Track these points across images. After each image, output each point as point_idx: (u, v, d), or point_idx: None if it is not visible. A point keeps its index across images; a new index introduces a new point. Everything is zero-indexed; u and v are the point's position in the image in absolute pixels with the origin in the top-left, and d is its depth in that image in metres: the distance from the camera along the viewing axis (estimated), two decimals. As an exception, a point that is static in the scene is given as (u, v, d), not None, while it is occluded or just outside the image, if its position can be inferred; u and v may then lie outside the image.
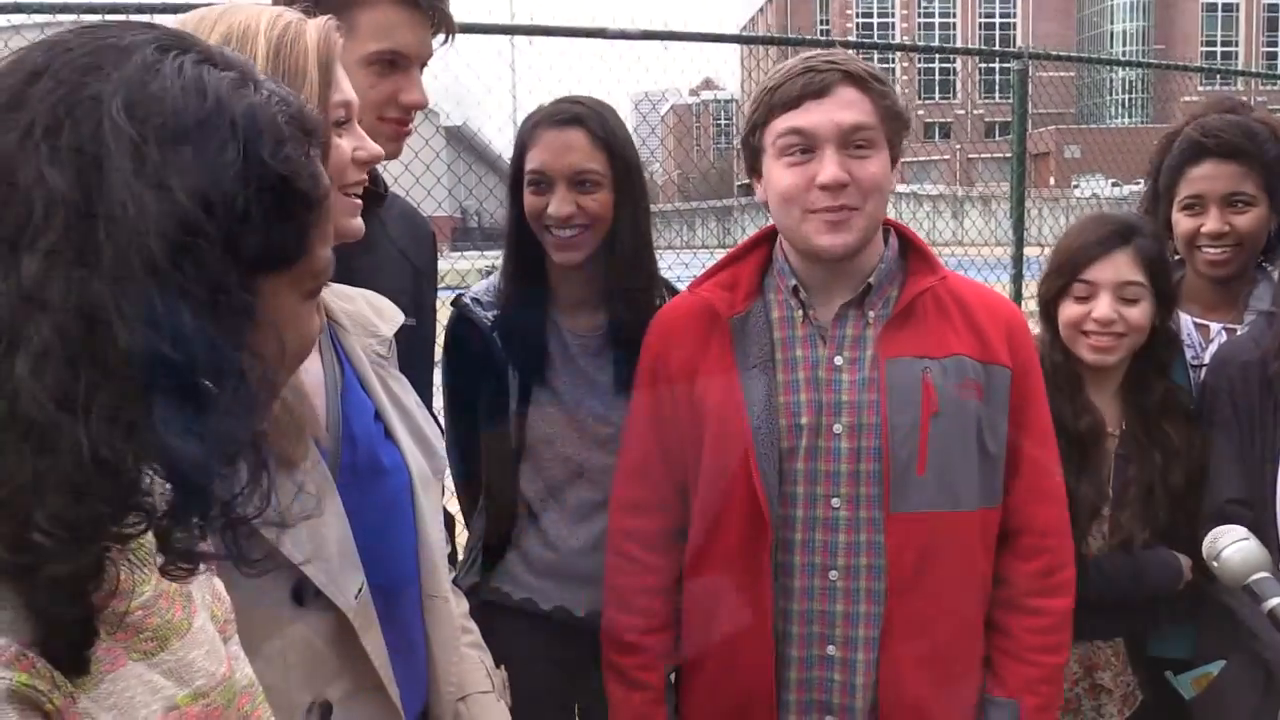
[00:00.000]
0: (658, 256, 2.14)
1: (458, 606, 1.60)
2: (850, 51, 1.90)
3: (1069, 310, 2.13)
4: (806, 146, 1.68)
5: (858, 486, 1.72)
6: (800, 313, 1.79)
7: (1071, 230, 2.20)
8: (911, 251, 1.83)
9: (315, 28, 1.29)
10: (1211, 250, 2.26)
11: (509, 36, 5.20)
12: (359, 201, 1.37)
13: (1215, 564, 1.59)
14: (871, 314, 1.76)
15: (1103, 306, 2.08)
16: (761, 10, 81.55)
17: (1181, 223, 2.29)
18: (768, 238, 1.87)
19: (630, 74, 5.42)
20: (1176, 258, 2.38)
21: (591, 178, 1.98)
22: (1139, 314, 2.11)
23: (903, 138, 1.76)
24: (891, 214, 1.85)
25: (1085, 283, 2.11)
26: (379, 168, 1.83)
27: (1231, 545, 1.56)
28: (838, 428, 1.73)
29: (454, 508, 2.18)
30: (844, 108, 1.67)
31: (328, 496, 1.29)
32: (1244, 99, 2.47)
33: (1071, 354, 2.16)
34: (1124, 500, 2.13)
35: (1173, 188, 2.31)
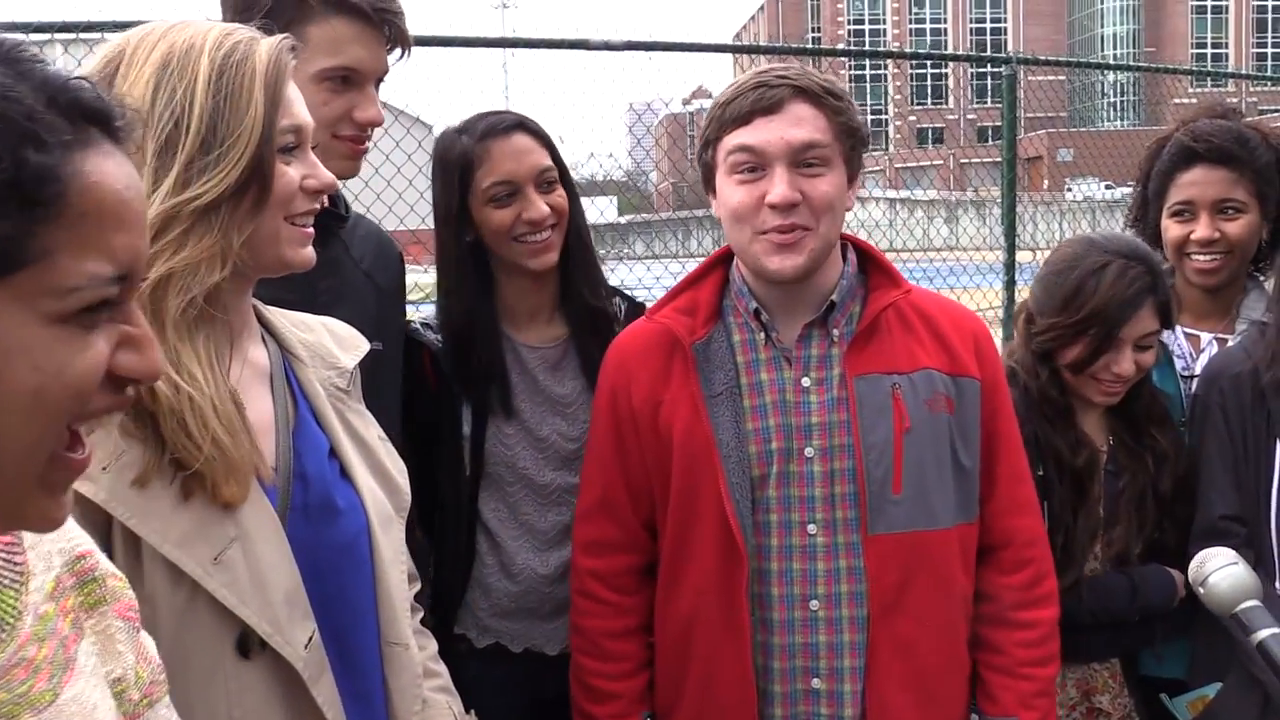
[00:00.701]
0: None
1: (425, 649, 1.54)
2: (810, 64, 1.85)
3: (1085, 360, 2.02)
4: (756, 164, 1.64)
5: (833, 510, 1.68)
6: (762, 335, 1.74)
7: (1088, 268, 2.01)
8: (871, 266, 1.78)
9: (267, 48, 1.24)
10: (1201, 258, 2.21)
11: (503, 50, 5.16)
12: (309, 231, 1.31)
13: (1201, 590, 1.53)
14: (836, 332, 1.72)
15: (1125, 363, 2.01)
16: (754, 18, 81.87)
17: (1171, 229, 2.24)
18: (724, 259, 1.82)
19: (626, 84, 5.40)
20: (1166, 266, 2.32)
21: (550, 175, 1.96)
22: (1149, 358, 2.06)
23: (860, 154, 1.71)
24: (884, 220, 1.79)
25: (1115, 339, 2.01)
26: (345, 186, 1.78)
27: (1218, 571, 1.49)
28: (809, 451, 1.69)
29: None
30: (795, 124, 1.62)
31: (274, 540, 1.22)
32: (1235, 104, 2.42)
33: (1066, 387, 2.08)
34: (1116, 515, 2.08)
35: (1162, 194, 2.26)
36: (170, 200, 1.15)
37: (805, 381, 1.71)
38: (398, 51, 1.77)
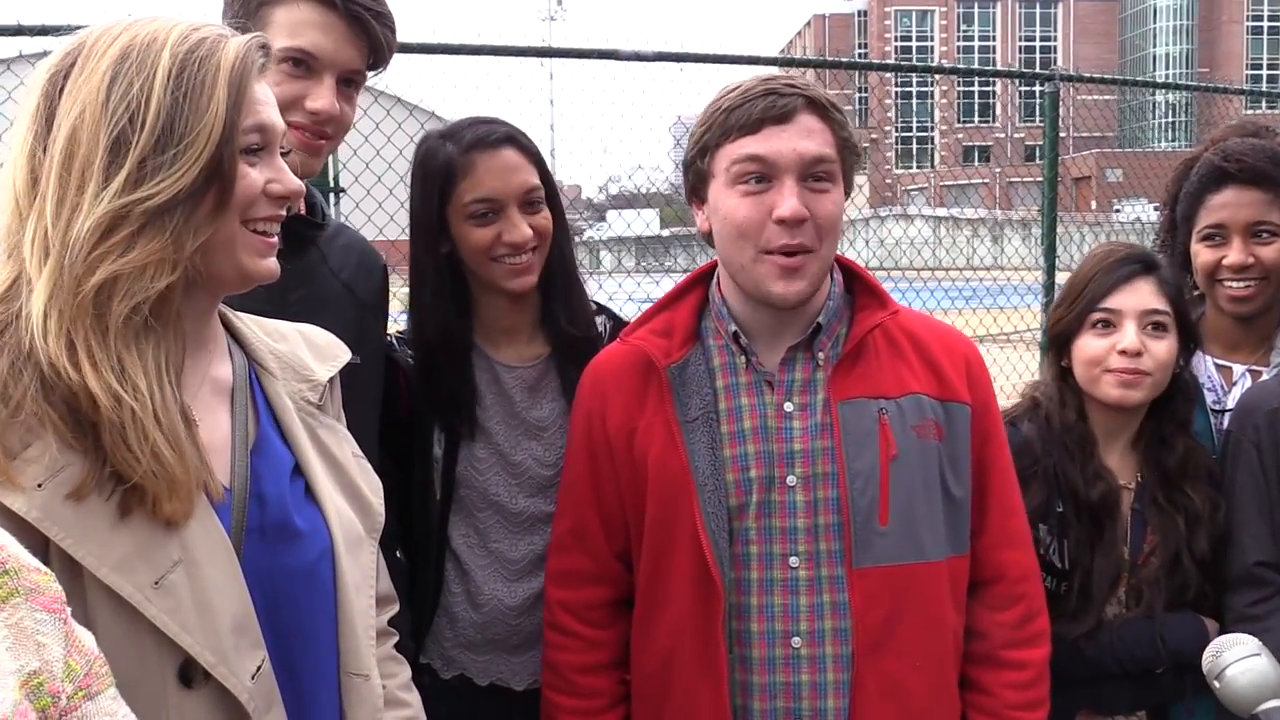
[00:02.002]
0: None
1: (396, 676, 1.47)
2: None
3: (1088, 346, 1.95)
4: (763, 175, 1.56)
5: (816, 542, 1.59)
6: (742, 359, 1.66)
7: (1085, 261, 2.04)
8: (858, 286, 1.71)
9: (235, 45, 1.19)
10: (1234, 284, 2.09)
11: (548, 60, 5.13)
12: (273, 240, 1.25)
13: (1217, 684, 1.38)
14: (821, 355, 1.65)
15: (1129, 336, 1.91)
16: (800, 33, 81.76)
17: (1201, 254, 2.12)
18: (702, 279, 1.75)
19: (674, 96, 5.33)
20: (1196, 293, 2.21)
21: (536, 195, 1.88)
22: (1165, 349, 1.93)
23: (855, 171, 1.65)
24: (931, 237, 1.72)
25: (1107, 310, 1.94)
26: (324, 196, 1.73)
27: (1238, 663, 1.35)
28: (791, 479, 1.61)
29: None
30: (807, 136, 1.55)
31: (222, 563, 1.16)
32: (1269, 124, 2.30)
33: (1086, 414, 1.98)
34: (1145, 567, 1.96)
35: (1192, 217, 2.15)
36: (120, 199, 1.10)
37: (788, 406, 1.63)
38: (372, 57, 1.72)
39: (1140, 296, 1.93)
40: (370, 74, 1.76)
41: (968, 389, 1.66)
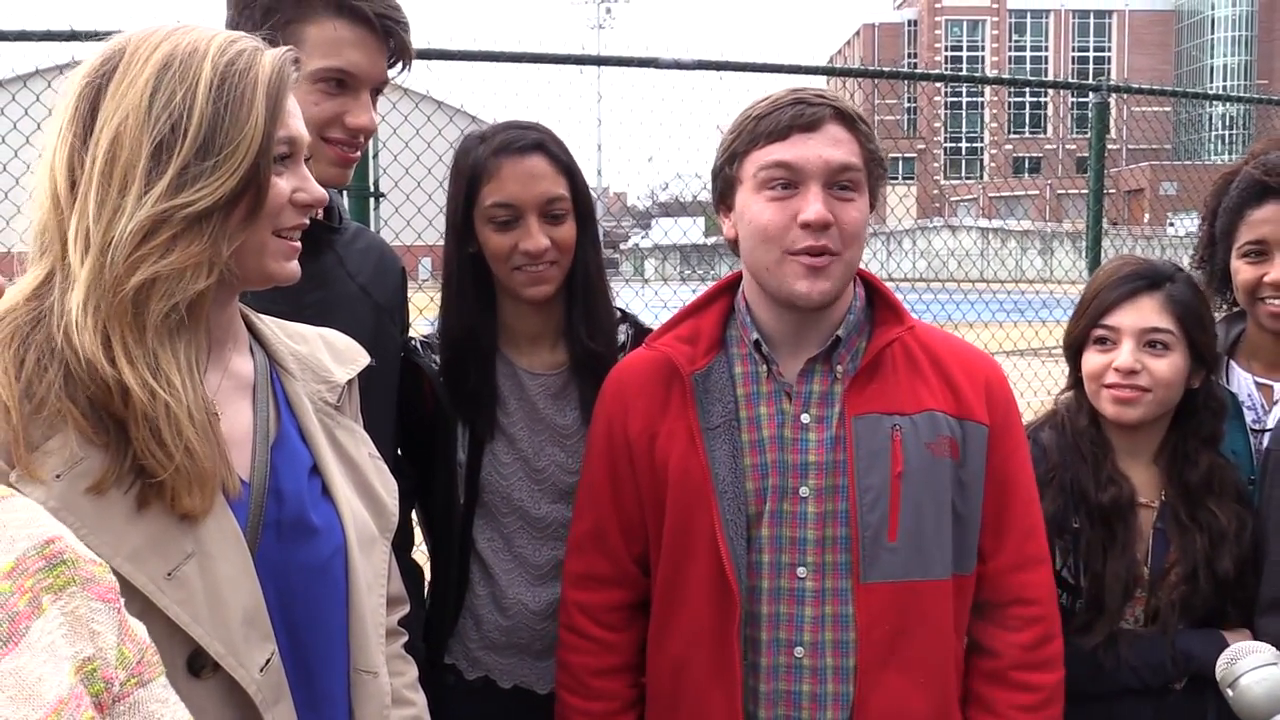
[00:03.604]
0: None
1: (403, 675, 1.49)
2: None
3: (1090, 361, 1.96)
4: (790, 181, 1.57)
5: (824, 554, 1.60)
6: (764, 368, 1.67)
7: (1098, 273, 2.03)
8: (878, 301, 1.71)
9: (271, 59, 1.23)
10: (1275, 302, 2.04)
11: (582, 67, 5.15)
12: (296, 245, 1.29)
13: (1230, 693, 1.35)
14: (840, 368, 1.65)
15: (1124, 354, 1.90)
16: (849, 43, 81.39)
17: (1242, 271, 2.07)
18: (729, 288, 1.76)
19: (713, 105, 5.32)
20: (1237, 309, 2.16)
21: (561, 206, 1.87)
22: (1166, 367, 1.90)
23: (881, 184, 1.65)
24: (976, 249, 1.71)
25: (1106, 327, 1.93)
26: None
27: (1253, 672, 1.32)
28: (804, 490, 1.61)
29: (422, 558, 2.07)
30: (833, 145, 1.57)
31: (235, 557, 1.18)
32: (1314, 137, 2.24)
33: (1101, 420, 1.96)
34: (1162, 583, 1.91)
35: (1232, 232, 2.10)
36: (162, 204, 1.13)
37: (805, 418, 1.64)
38: (399, 65, 1.74)
39: (1141, 314, 1.91)
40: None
41: (986, 409, 1.65)
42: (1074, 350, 2.01)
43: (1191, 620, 1.90)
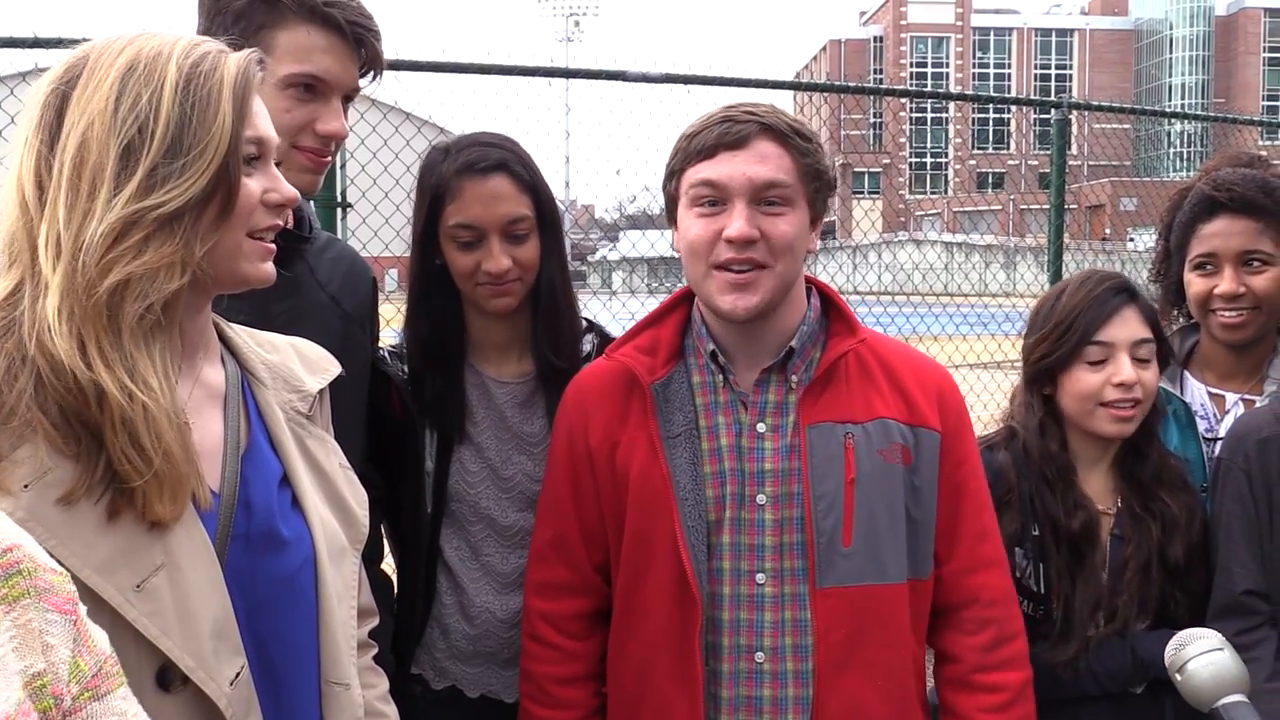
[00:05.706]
0: None
1: (375, 687, 1.49)
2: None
3: (1082, 380, 1.95)
4: (717, 199, 1.61)
5: (782, 560, 1.63)
6: (720, 378, 1.69)
7: (1068, 290, 2.02)
8: (833, 312, 1.74)
9: (236, 61, 1.23)
10: (1227, 313, 2.09)
11: (550, 79, 5.17)
12: (271, 247, 1.29)
13: (1179, 677, 1.39)
14: (794, 378, 1.68)
15: (1125, 369, 1.91)
16: (815, 58, 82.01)
17: (1194, 283, 2.13)
18: (686, 298, 1.78)
19: (680, 118, 5.34)
20: (1191, 321, 2.21)
21: (523, 227, 1.88)
22: (1152, 376, 1.95)
23: (826, 197, 1.67)
24: (941, 263, 1.74)
25: (1100, 344, 1.94)
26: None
27: (1200, 657, 1.35)
28: (761, 498, 1.64)
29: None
30: (759, 161, 1.59)
31: (205, 568, 1.18)
32: (1263, 154, 2.31)
33: (1068, 444, 1.99)
34: (1120, 585, 1.96)
35: (1184, 246, 2.16)
36: (133, 205, 1.13)
37: (760, 427, 1.67)
38: (369, 74, 1.75)
39: (1130, 327, 1.95)
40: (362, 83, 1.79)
41: (938, 416, 1.69)
42: (1049, 370, 2.00)
43: (1146, 611, 1.94)
